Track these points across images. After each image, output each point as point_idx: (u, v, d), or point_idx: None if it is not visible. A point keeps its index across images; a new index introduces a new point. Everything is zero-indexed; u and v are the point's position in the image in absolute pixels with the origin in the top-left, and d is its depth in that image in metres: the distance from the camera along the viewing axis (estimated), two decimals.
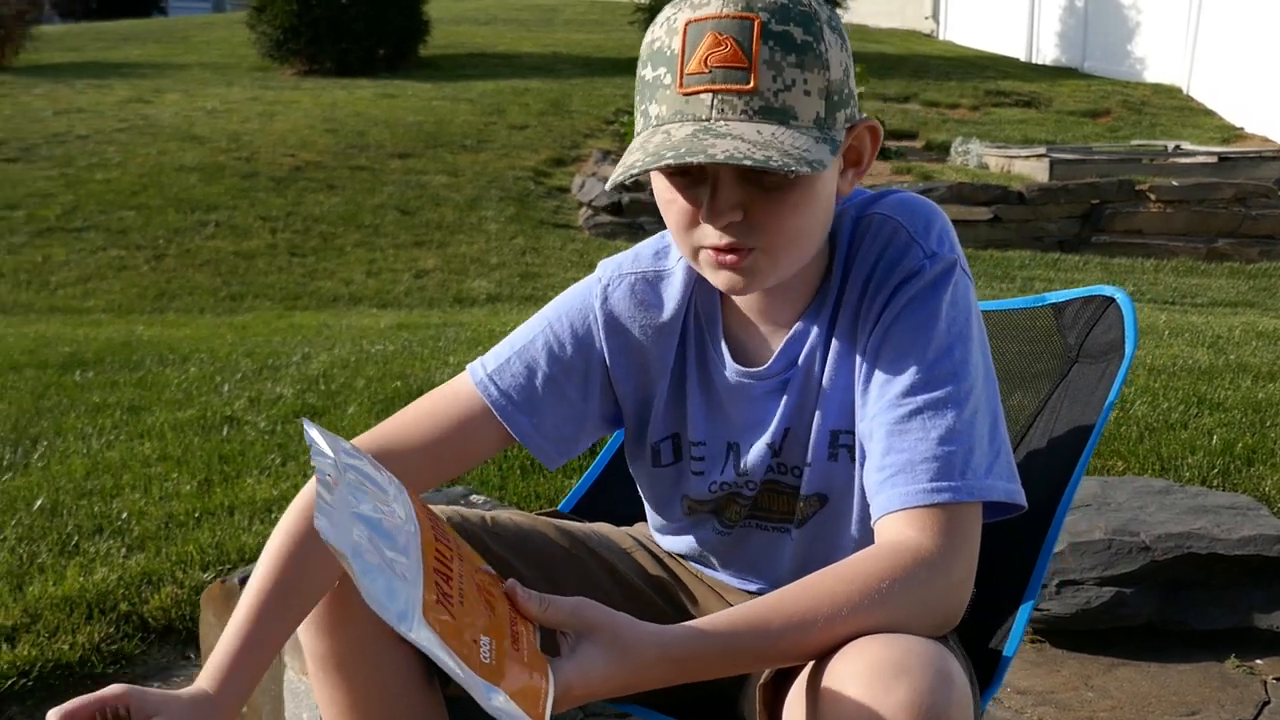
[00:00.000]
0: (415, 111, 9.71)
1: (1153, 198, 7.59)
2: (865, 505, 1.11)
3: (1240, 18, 9.89)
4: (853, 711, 0.86)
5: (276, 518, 1.75)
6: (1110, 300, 1.42)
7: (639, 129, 1.05)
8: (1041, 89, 11.33)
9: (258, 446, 3.11)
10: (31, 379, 4.03)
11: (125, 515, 2.65)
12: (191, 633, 2.19)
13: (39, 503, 2.74)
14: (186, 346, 4.59)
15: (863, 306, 1.11)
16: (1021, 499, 1.06)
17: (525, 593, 0.95)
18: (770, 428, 1.16)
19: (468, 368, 1.23)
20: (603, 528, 1.39)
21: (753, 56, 0.97)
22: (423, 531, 0.89)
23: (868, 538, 1.08)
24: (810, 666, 0.96)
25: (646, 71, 1.03)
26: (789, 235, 1.04)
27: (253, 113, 9.65)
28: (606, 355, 1.21)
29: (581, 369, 1.21)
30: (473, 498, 2.18)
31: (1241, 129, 9.90)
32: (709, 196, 1.02)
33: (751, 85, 0.98)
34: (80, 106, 9.95)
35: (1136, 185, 7.62)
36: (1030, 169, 8.20)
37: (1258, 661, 2.15)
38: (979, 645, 1.22)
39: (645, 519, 1.41)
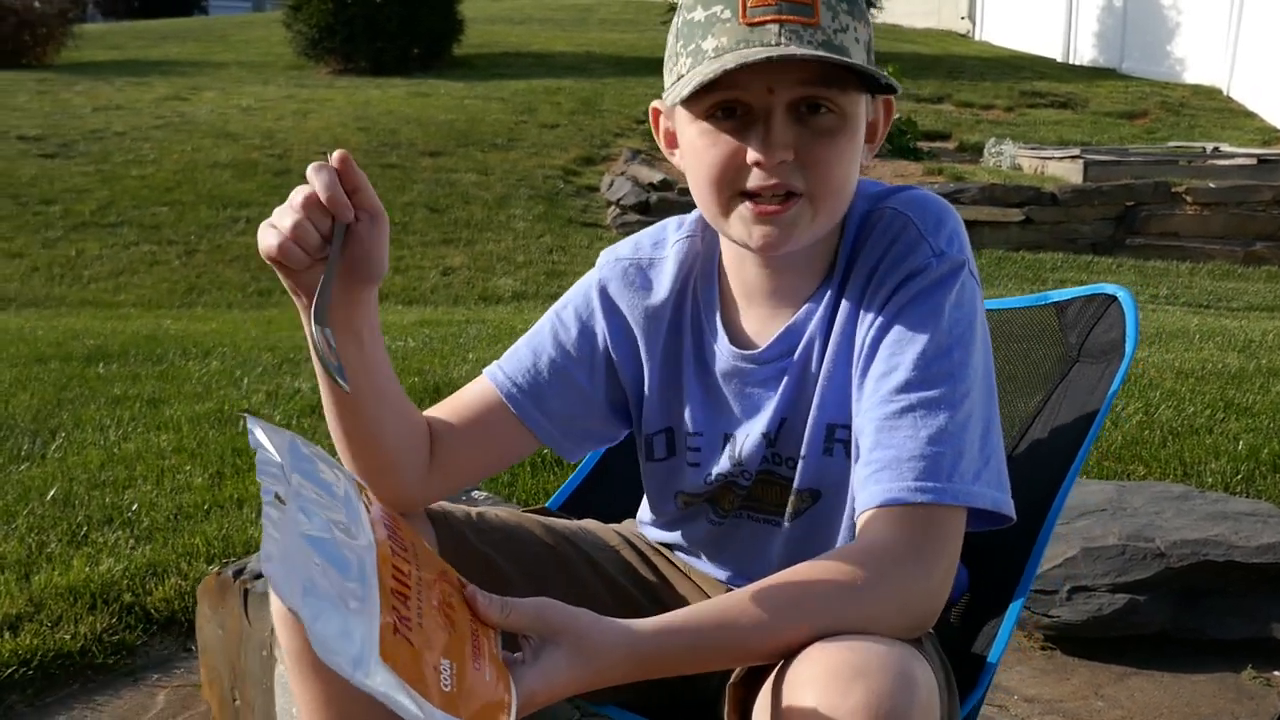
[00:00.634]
0: (447, 110, 9.75)
1: (1189, 200, 7.47)
2: None
3: None
4: (810, 714, 0.84)
5: None
6: (1112, 299, 1.38)
7: (686, 68, 1.03)
8: (1078, 90, 11.19)
9: None
10: (56, 371, 4.07)
11: (135, 506, 2.66)
12: (193, 625, 2.19)
13: (52, 493, 2.76)
14: (210, 340, 4.62)
15: (865, 299, 1.09)
16: (1009, 510, 1.03)
17: (486, 599, 0.93)
18: (766, 417, 1.15)
19: (485, 370, 1.24)
20: (590, 524, 1.37)
21: None
22: (379, 545, 0.85)
23: None
24: (777, 668, 0.93)
25: (696, 13, 1.03)
26: (835, 182, 1.04)
27: (287, 110, 9.73)
28: (609, 340, 1.22)
29: (588, 355, 1.22)
30: (474, 494, 2.16)
31: None
32: (762, 134, 1.01)
33: (815, 19, 0.99)
34: (119, 104, 10.06)
35: (1173, 187, 7.50)
36: (1064, 170, 8.09)
37: (1275, 673, 2.09)
38: (965, 649, 1.19)
39: (634, 516, 1.39)
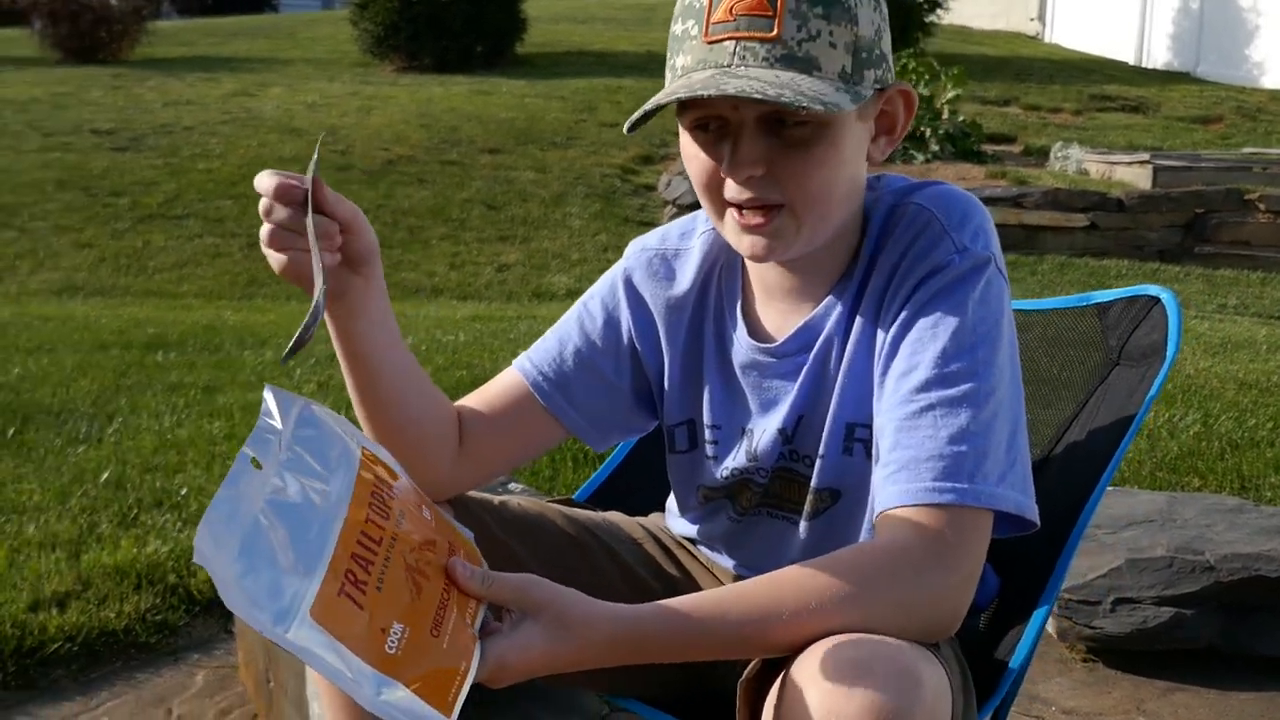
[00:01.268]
0: (508, 108, 9.81)
1: (1262, 208, 7.27)
2: None
3: None
4: (813, 712, 0.82)
5: None
6: (1155, 300, 1.34)
7: (666, 83, 1.04)
8: (1150, 94, 10.94)
9: None
10: (116, 358, 4.17)
11: (185, 491, 2.71)
12: None
13: (106, 475, 2.82)
14: (267, 331, 4.70)
15: (887, 295, 1.07)
16: (1033, 515, 1.00)
17: (466, 570, 0.93)
18: (782, 412, 1.13)
19: (514, 361, 1.25)
20: (614, 517, 1.37)
21: (778, 5, 0.96)
22: (354, 510, 0.87)
23: None
24: (786, 664, 0.92)
25: (677, 27, 1.03)
26: (812, 191, 1.02)
27: (351, 107, 9.86)
28: (633, 330, 1.22)
29: (613, 342, 1.22)
30: (511, 485, 2.17)
31: None
32: (730, 149, 1.01)
33: (774, 33, 0.97)
34: (188, 99, 10.28)
35: (1245, 194, 7.30)
36: (1132, 176, 7.92)
37: None
38: (990, 655, 1.16)
39: (659, 509, 1.38)
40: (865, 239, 1.10)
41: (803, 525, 1.15)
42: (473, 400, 1.23)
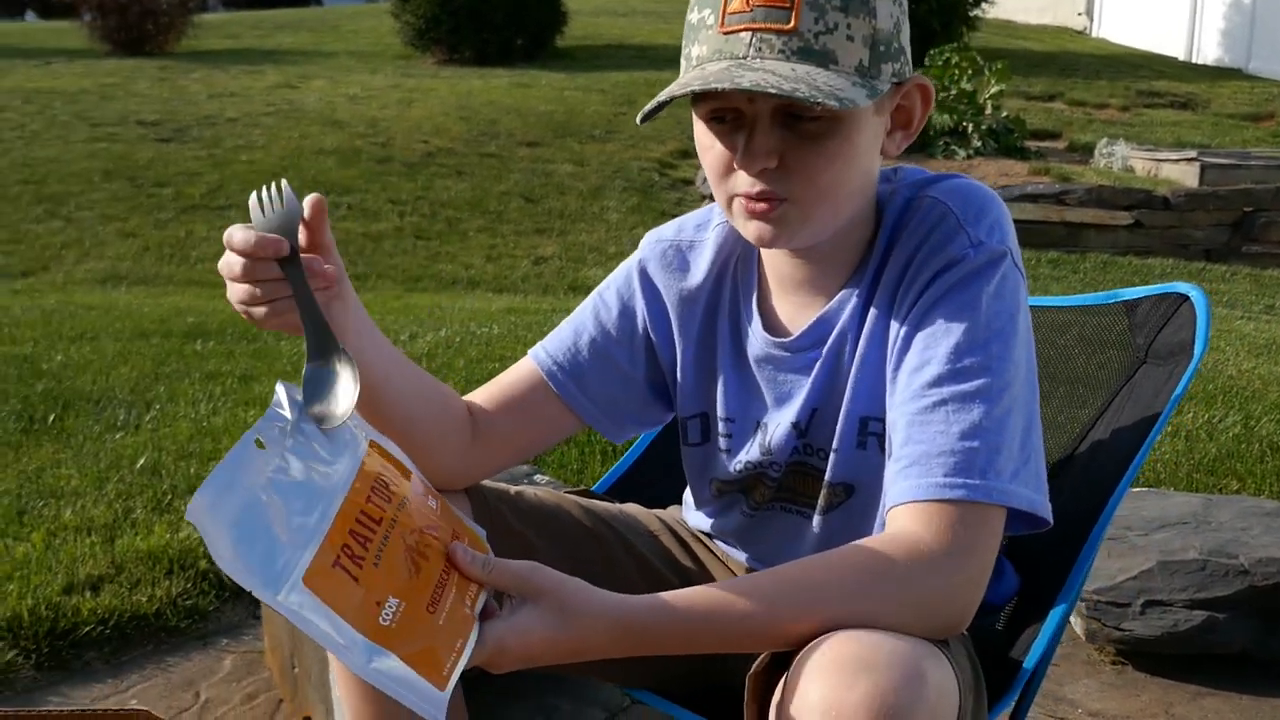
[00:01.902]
0: (547, 101, 9.83)
1: None
2: None
3: None
4: (815, 706, 0.82)
5: None
6: (1184, 298, 1.32)
7: (682, 71, 1.04)
8: (1199, 90, 10.76)
9: None
10: (156, 346, 4.23)
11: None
12: None
13: (141, 462, 2.86)
14: None
15: (900, 289, 1.06)
16: (1046, 513, 0.99)
17: (467, 555, 0.93)
18: (796, 406, 1.13)
19: (529, 351, 1.25)
20: (631, 509, 1.37)
21: None
22: (355, 492, 0.88)
23: None
24: (793, 658, 0.91)
25: (693, 15, 1.03)
26: (823, 187, 1.01)
27: (392, 99, 9.92)
28: (648, 321, 1.22)
29: (628, 332, 1.23)
30: (537, 478, 2.17)
31: None
32: (744, 141, 1.00)
33: (791, 25, 0.96)
34: (232, 91, 10.39)
35: None
36: (1179, 173, 7.78)
37: None
38: (1006, 654, 1.15)
39: (678, 502, 1.38)
40: (880, 232, 1.09)
41: (817, 519, 1.15)
42: (487, 390, 1.23)
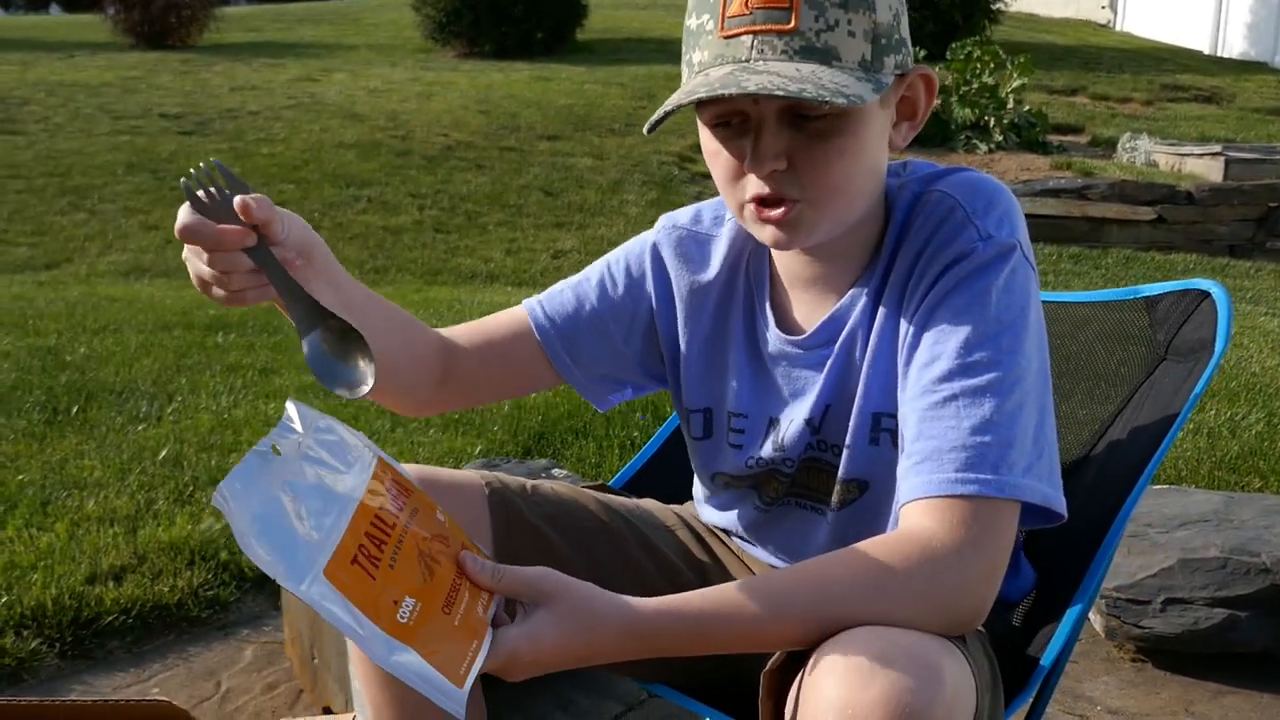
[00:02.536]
0: (567, 94, 9.83)
1: None
2: None
3: None
4: (830, 704, 0.82)
5: None
6: (1205, 295, 1.31)
7: (683, 78, 1.04)
8: (1224, 84, 10.66)
9: (371, 411, 3.20)
10: (178, 338, 4.26)
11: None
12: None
13: (164, 453, 2.88)
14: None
15: (910, 284, 1.06)
16: (1060, 507, 0.98)
17: (477, 564, 0.94)
18: (809, 403, 1.13)
19: (524, 301, 1.25)
20: (648, 504, 1.37)
21: None
22: (368, 499, 0.89)
23: None
24: (809, 654, 0.91)
25: (691, 20, 1.02)
26: (834, 184, 1.01)
27: (411, 93, 9.95)
28: (654, 302, 1.22)
29: (629, 310, 1.23)
30: (555, 472, 2.18)
31: None
32: (752, 144, 1.00)
33: (792, 25, 0.95)
34: (254, 84, 10.44)
35: None
36: (1203, 168, 7.72)
37: None
38: (1023, 650, 1.15)
39: (694, 497, 1.38)
40: (889, 227, 1.09)
41: (830, 516, 1.15)
42: (469, 332, 1.23)
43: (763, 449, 1.16)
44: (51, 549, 2.32)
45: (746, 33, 0.96)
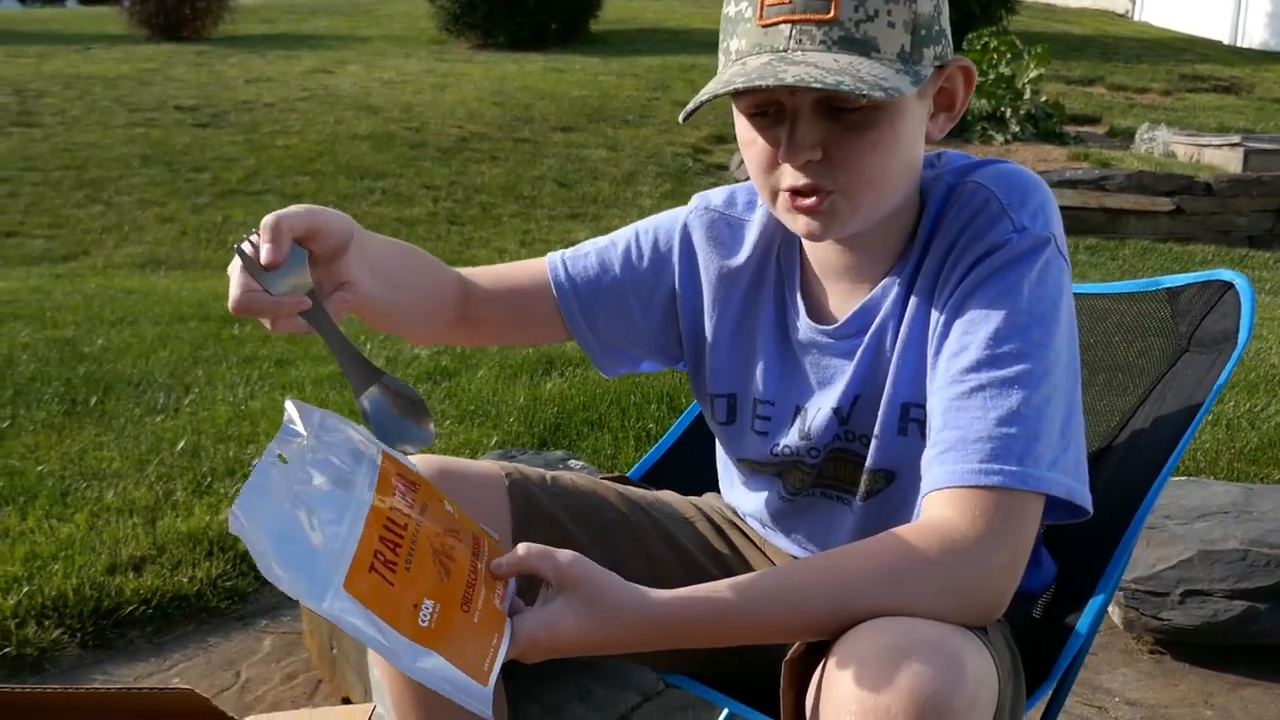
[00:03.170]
0: (581, 86, 9.82)
1: None
2: None
3: None
4: (852, 694, 0.81)
5: None
6: (1229, 286, 1.30)
7: (720, 66, 1.03)
8: (1244, 74, 10.58)
9: None
10: (194, 330, 4.27)
11: (256, 461, 2.77)
12: None
13: (181, 444, 2.90)
14: None
15: (942, 275, 1.05)
16: (1086, 501, 0.97)
17: (504, 554, 0.94)
18: (838, 392, 1.12)
19: (547, 254, 1.25)
20: (667, 495, 1.37)
21: None
22: (379, 500, 0.89)
23: None
24: (831, 644, 0.91)
25: (730, 7, 1.02)
26: (869, 176, 1.00)
27: (426, 84, 9.95)
28: (677, 281, 1.22)
29: (650, 285, 1.23)
30: (571, 463, 2.18)
31: None
32: (787, 134, 1.00)
33: (831, 15, 0.95)
34: (269, 76, 10.45)
35: None
36: (1222, 159, 7.66)
37: None
38: (1043, 642, 1.14)
39: (712, 490, 1.38)
40: (923, 218, 1.08)
41: (857, 506, 1.14)
42: (492, 277, 1.23)
43: (788, 437, 1.16)
44: (72, 539, 2.33)
45: (785, 21, 0.96)
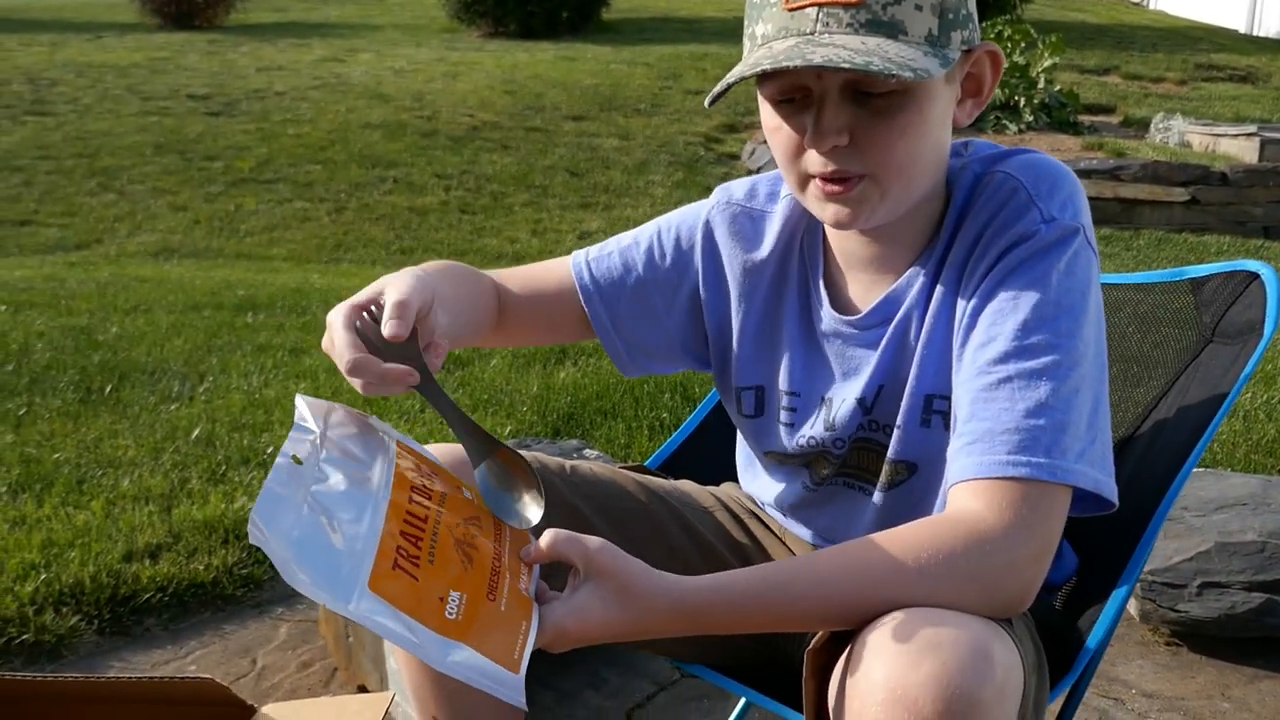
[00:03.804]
0: (592, 75, 9.80)
1: None
2: None
3: None
4: (879, 685, 0.81)
5: None
6: (1254, 276, 1.29)
7: (745, 51, 1.03)
8: (1260, 63, 10.50)
9: None
10: (208, 319, 4.28)
11: (271, 449, 2.78)
12: None
13: (196, 433, 2.90)
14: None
15: (969, 265, 1.04)
16: (1112, 494, 0.97)
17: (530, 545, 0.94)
18: (862, 383, 1.12)
19: (572, 254, 1.25)
20: (685, 485, 1.37)
21: None
22: (397, 494, 0.89)
23: None
24: (855, 634, 0.91)
25: None
26: (898, 161, 0.99)
27: (437, 73, 9.95)
28: (700, 277, 1.22)
29: (674, 283, 1.22)
30: (586, 452, 2.18)
31: None
32: (814, 119, 0.99)
33: None
34: (280, 64, 10.46)
35: None
36: (1238, 149, 7.61)
37: None
38: (1066, 634, 1.14)
39: (730, 479, 1.38)
40: (950, 207, 1.07)
41: (878, 496, 1.14)
42: (521, 280, 1.25)
43: (814, 428, 1.16)
44: (88, 527, 2.34)
45: (811, 5, 0.95)
